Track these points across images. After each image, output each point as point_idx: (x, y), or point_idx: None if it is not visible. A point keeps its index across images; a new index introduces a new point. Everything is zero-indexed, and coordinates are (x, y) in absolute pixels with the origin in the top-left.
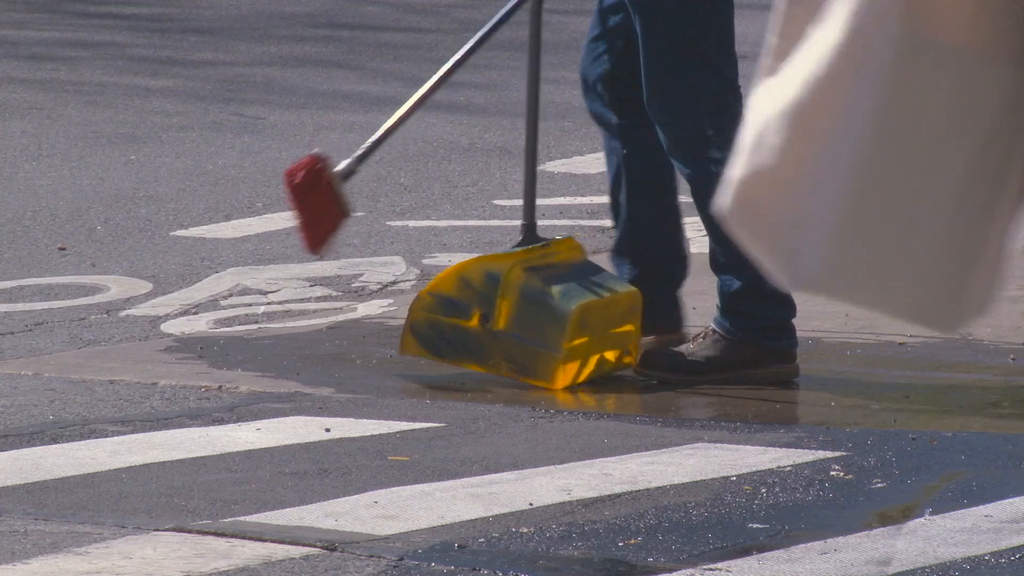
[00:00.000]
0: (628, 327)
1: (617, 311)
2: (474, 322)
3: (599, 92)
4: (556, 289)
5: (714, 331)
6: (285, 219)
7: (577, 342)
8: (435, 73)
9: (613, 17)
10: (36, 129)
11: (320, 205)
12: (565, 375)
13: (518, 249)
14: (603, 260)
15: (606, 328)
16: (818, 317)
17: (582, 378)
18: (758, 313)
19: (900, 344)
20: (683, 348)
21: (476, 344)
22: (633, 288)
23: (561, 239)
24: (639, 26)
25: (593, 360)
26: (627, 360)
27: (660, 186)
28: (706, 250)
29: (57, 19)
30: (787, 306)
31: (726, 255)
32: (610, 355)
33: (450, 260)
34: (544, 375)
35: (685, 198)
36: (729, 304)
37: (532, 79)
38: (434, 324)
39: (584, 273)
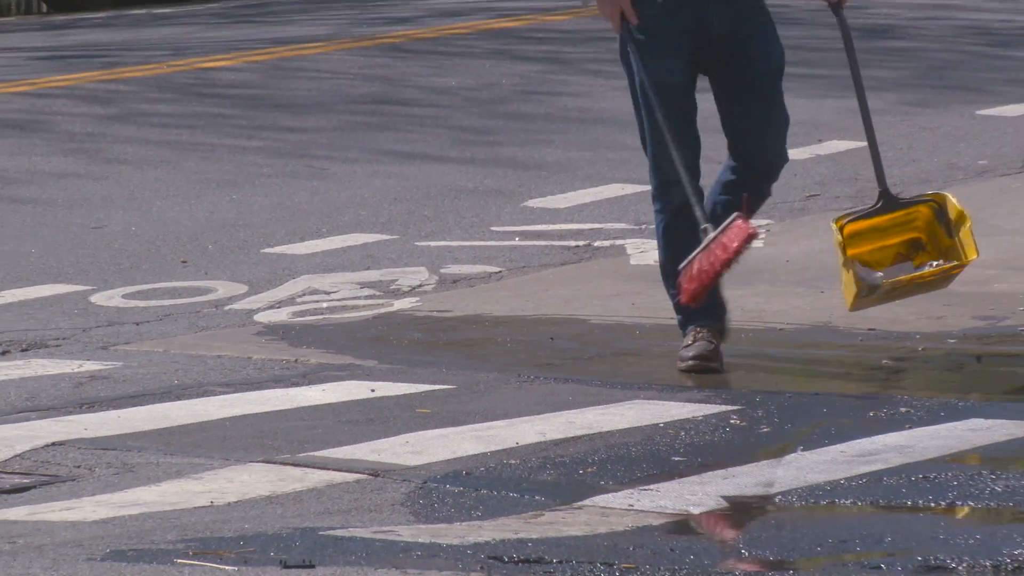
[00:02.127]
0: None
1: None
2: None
3: None
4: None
5: None
6: (343, 240)
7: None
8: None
9: None
10: (165, 176)
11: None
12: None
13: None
14: (569, 272)
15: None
16: None
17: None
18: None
19: (780, 330)
20: None
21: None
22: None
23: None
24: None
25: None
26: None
27: None
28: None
29: (180, 97)
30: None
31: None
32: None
33: (459, 270)
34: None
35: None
36: None
37: (857, 80)
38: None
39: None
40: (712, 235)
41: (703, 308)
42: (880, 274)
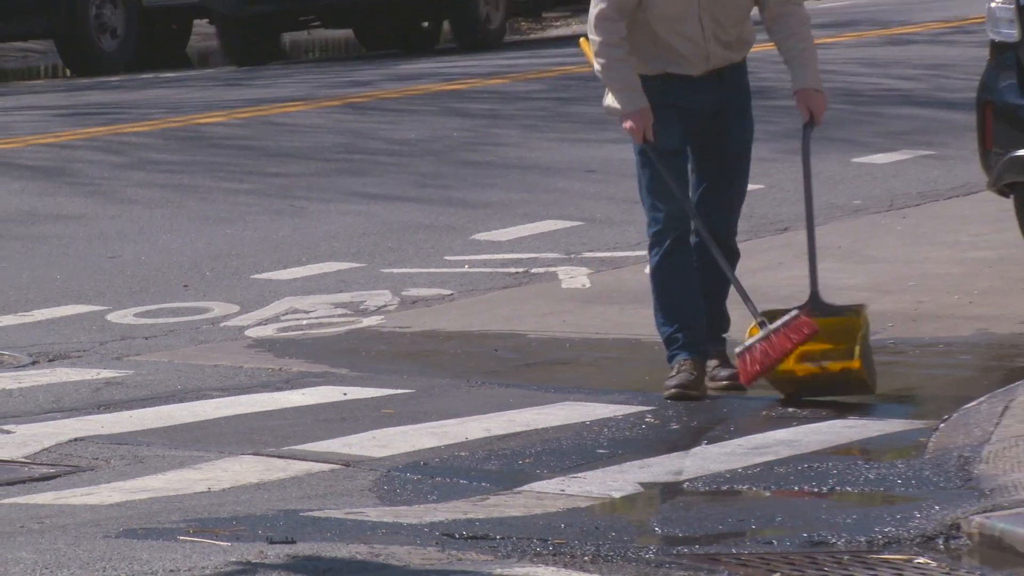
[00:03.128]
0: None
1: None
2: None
3: None
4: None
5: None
6: (319, 267)
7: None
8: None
9: None
10: (169, 214)
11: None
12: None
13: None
14: (510, 294)
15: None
16: (639, 325)
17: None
18: None
19: None
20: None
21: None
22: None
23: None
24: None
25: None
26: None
27: None
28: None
29: (182, 146)
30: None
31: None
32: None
33: (418, 293)
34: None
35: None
36: None
37: (808, 194)
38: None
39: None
40: (773, 326)
41: (688, 343)
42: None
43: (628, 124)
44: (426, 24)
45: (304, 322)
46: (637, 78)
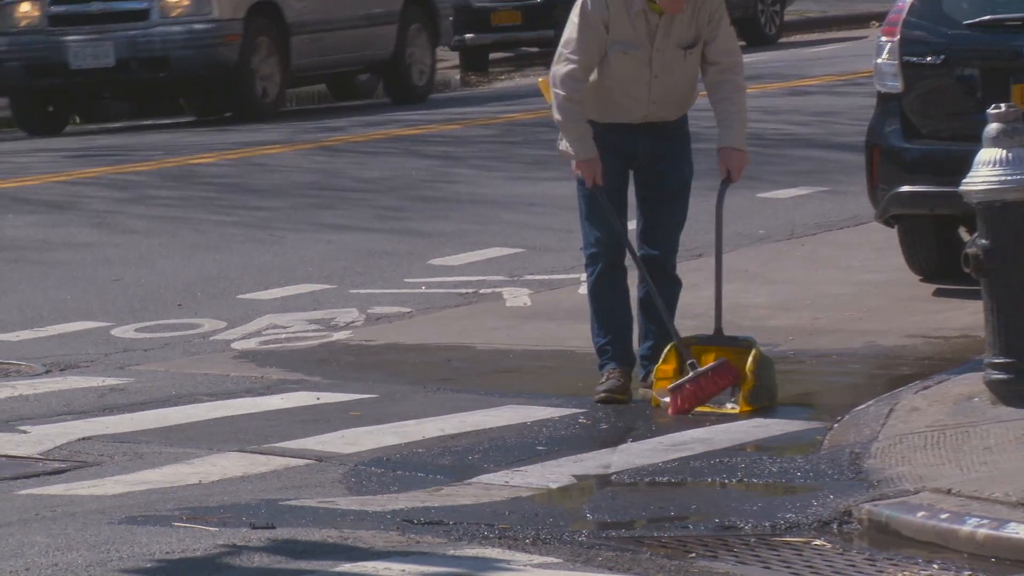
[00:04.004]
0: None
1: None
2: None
3: None
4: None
5: None
6: (296, 288)
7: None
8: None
9: None
10: (167, 242)
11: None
12: None
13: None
14: (461, 311)
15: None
16: (573, 339)
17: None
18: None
19: None
20: None
21: None
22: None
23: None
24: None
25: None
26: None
27: None
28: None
29: (177, 184)
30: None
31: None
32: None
33: (381, 311)
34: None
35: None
36: None
37: (718, 243)
38: None
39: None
40: (702, 370)
41: (616, 354)
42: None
43: (580, 170)
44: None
45: (283, 336)
46: (590, 129)
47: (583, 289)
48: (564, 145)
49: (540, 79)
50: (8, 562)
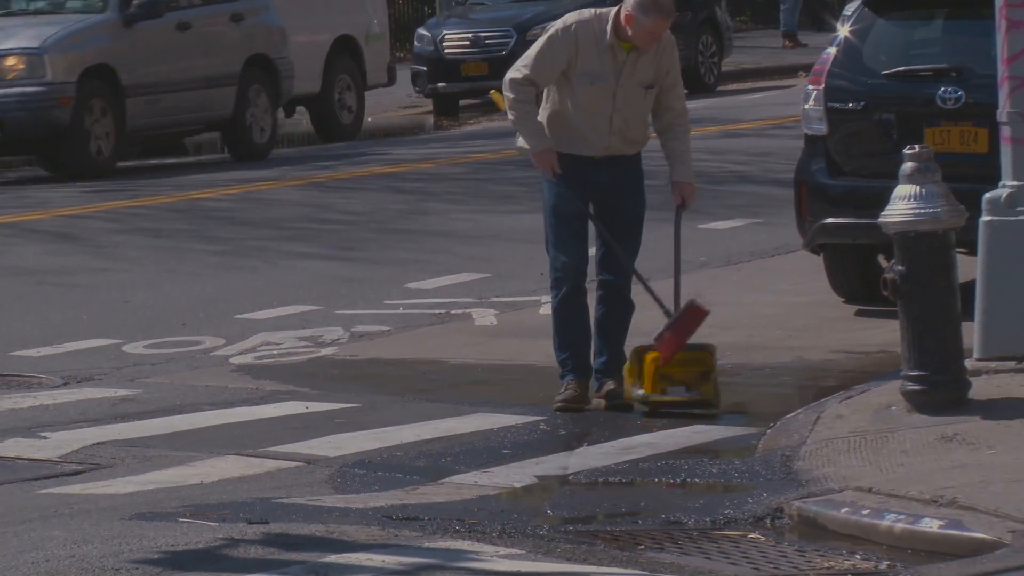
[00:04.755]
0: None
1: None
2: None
3: None
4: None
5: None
6: (287, 309)
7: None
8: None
9: None
10: (171, 268)
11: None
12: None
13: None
14: (435, 330)
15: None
16: (535, 355)
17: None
18: None
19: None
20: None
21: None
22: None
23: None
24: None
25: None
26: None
27: None
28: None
29: (173, 216)
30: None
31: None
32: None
33: (364, 329)
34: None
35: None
36: None
37: (676, 257)
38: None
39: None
40: (675, 316)
41: (575, 367)
42: (641, 391)
43: (537, 161)
44: None
45: (275, 352)
46: (542, 124)
47: (544, 310)
48: (520, 141)
49: (492, 92)
50: (30, 554)
